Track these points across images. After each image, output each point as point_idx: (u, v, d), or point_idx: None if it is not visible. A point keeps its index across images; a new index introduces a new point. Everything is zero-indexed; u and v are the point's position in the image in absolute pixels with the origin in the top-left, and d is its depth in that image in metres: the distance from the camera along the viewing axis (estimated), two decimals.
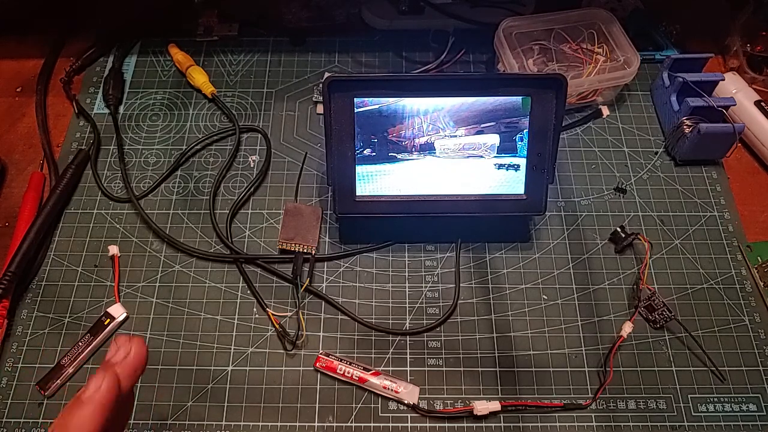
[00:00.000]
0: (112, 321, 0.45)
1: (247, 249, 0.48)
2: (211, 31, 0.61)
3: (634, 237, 0.47)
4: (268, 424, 0.42)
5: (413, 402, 0.42)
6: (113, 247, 0.48)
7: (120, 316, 0.45)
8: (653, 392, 0.43)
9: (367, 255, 0.48)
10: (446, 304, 0.46)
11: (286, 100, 0.56)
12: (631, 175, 0.52)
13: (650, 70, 0.58)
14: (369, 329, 0.45)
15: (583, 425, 0.42)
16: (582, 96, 0.54)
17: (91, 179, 0.52)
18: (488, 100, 0.43)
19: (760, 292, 0.46)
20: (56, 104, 0.57)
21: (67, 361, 0.43)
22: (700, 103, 0.49)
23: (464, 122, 0.43)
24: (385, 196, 0.45)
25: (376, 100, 0.43)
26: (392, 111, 0.43)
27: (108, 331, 0.44)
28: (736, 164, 0.53)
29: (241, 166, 0.53)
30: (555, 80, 0.41)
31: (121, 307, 0.45)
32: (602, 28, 0.54)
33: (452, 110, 0.43)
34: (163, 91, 0.57)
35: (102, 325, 0.45)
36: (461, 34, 0.58)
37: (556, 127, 0.43)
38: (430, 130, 0.44)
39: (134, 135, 0.54)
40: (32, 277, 0.47)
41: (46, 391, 0.42)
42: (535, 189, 0.45)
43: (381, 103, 0.43)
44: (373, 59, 0.60)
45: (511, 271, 0.48)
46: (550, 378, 0.43)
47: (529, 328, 0.45)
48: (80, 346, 0.44)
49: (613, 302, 0.46)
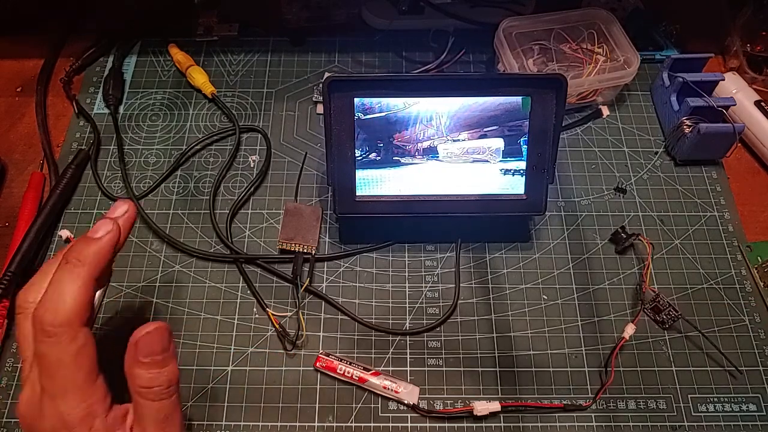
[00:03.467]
0: None
1: (247, 249, 0.48)
2: (211, 31, 0.61)
3: (635, 238, 0.47)
4: (268, 424, 0.42)
5: (413, 402, 0.42)
6: (64, 231, 0.48)
7: None
8: (653, 392, 0.43)
9: (367, 255, 0.48)
10: (446, 304, 0.46)
11: (286, 100, 0.56)
12: (631, 175, 0.52)
13: (650, 70, 0.58)
14: (369, 329, 0.45)
15: (583, 425, 0.42)
16: (582, 96, 0.54)
17: (91, 179, 0.52)
18: (489, 103, 0.43)
19: (760, 292, 0.46)
20: (56, 104, 0.57)
21: None
22: (700, 103, 0.49)
23: (467, 126, 0.43)
24: (385, 196, 0.45)
25: (383, 107, 0.43)
26: (399, 117, 0.43)
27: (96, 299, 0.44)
28: (736, 164, 0.53)
29: (241, 166, 0.53)
30: (555, 80, 0.41)
31: None
32: (602, 28, 0.54)
33: (454, 114, 0.43)
34: (163, 91, 0.57)
35: None
36: (461, 34, 0.58)
37: (556, 127, 0.43)
38: (432, 134, 0.44)
39: (134, 135, 0.54)
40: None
41: None
42: (535, 189, 0.45)
43: (389, 111, 0.43)
44: (373, 59, 0.60)
45: (511, 271, 0.48)
46: (550, 378, 0.43)
47: (529, 328, 0.45)
48: None
49: (613, 302, 0.46)
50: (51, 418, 0.29)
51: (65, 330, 0.29)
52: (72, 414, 0.29)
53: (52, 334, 0.29)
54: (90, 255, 0.31)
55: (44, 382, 0.29)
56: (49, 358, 0.29)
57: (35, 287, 0.32)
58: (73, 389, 0.29)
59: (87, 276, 0.31)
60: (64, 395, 0.29)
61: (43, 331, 0.29)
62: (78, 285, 0.30)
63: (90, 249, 0.32)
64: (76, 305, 0.30)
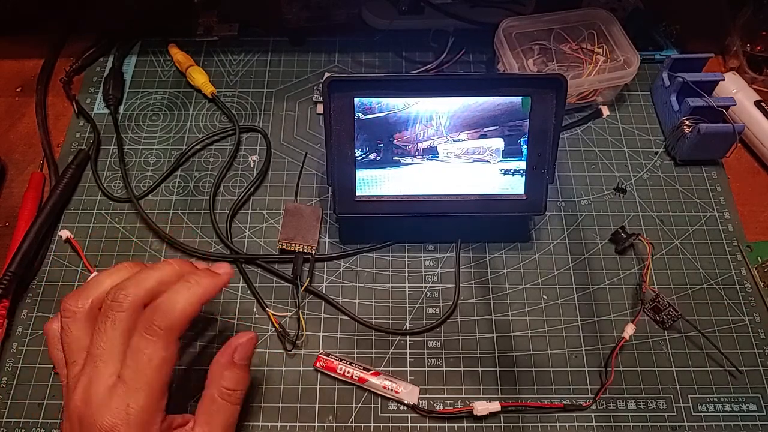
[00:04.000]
0: None
1: (247, 249, 0.48)
2: (211, 31, 0.61)
3: (635, 238, 0.47)
4: (268, 424, 0.42)
5: (413, 402, 0.42)
6: (64, 231, 0.48)
7: None
8: (653, 392, 0.43)
9: (367, 255, 0.48)
10: (446, 304, 0.46)
11: (286, 100, 0.56)
12: (631, 175, 0.52)
13: (650, 70, 0.58)
14: (369, 329, 0.45)
15: (583, 425, 0.42)
16: (582, 96, 0.54)
17: (91, 179, 0.52)
18: (489, 103, 0.43)
19: (760, 292, 0.46)
20: (56, 104, 0.57)
21: None
22: (700, 103, 0.49)
23: (467, 126, 0.43)
24: (385, 196, 0.45)
25: (383, 107, 0.43)
26: (399, 117, 0.43)
27: None
28: (736, 164, 0.53)
29: (241, 166, 0.53)
30: (555, 80, 0.41)
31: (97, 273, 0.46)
32: (602, 28, 0.54)
33: (453, 114, 0.43)
34: (163, 91, 0.57)
35: None
36: (461, 34, 0.58)
37: (556, 127, 0.43)
38: (432, 134, 0.44)
39: (134, 135, 0.54)
40: (32, 277, 0.47)
41: None
42: (535, 189, 0.45)
43: (388, 111, 0.43)
44: (373, 59, 0.60)
45: (511, 271, 0.48)
46: (550, 378, 0.43)
47: (529, 328, 0.45)
48: None
49: (613, 302, 0.46)
50: (116, 410, 0.31)
51: (166, 335, 0.32)
52: (137, 413, 0.31)
53: (155, 333, 0.32)
54: (207, 283, 0.34)
55: (127, 374, 0.31)
56: (143, 354, 0.31)
57: (85, 293, 0.34)
58: (148, 391, 0.31)
59: (198, 297, 0.33)
60: (137, 392, 0.31)
61: (150, 328, 0.32)
62: (190, 302, 0.33)
63: (209, 278, 0.34)
64: (183, 317, 0.32)
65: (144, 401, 0.31)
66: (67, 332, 0.33)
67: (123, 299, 0.32)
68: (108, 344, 0.32)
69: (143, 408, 0.31)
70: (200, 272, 0.35)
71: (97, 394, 0.31)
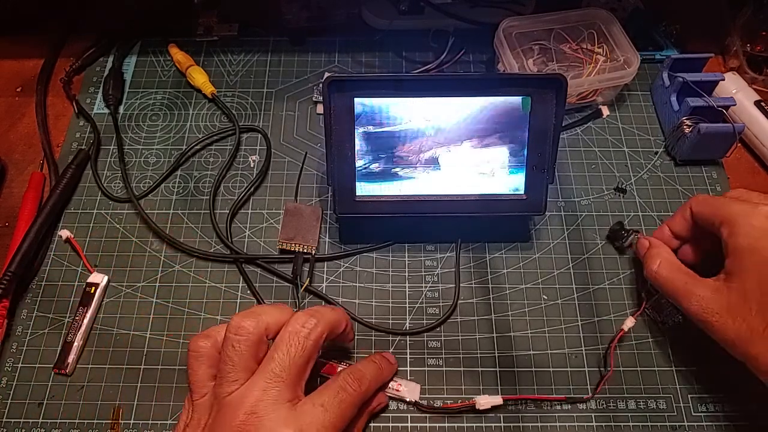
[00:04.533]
0: (98, 287, 0.46)
1: (247, 249, 0.48)
2: (211, 31, 0.61)
3: (633, 234, 0.47)
4: None
5: (414, 399, 0.42)
6: (64, 231, 0.48)
7: (102, 280, 0.46)
8: (653, 392, 0.43)
9: (367, 255, 0.48)
10: (446, 304, 0.46)
11: (286, 100, 0.56)
12: (631, 175, 0.52)
13: (650, 70, 0.58)
14: (369, 329, 0.45)
15: (583, 425, 0.42)
16: (582, 96, 0.54)
17: (91, 179, 0.52)
18: (490, 108, 0.43)
19: None
20: (56, 104, 0.57)
21: (72, 337, 0.44)
22: (700, 103, 0.49)
23: (468, 135, 0.43)
24: (385, 196, 0.45)
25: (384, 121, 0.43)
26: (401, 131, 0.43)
27: (98, 297, 0.45)
28: (736, 164, 0.53)
29: (241, 166, 0.53)
30: (555, 80, 0.41)
31: (98, 274, 0.46)
32: (602, 28, 0.54)
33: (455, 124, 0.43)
34: (163, 91, 0.57)
35: (89, 294, 0.45)
36: (461, 34, 0.58)
37: (556, 127, 0.43)
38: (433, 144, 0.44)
39: (134, 135, 0.54)
40: (32, 277, 0.47)
41: (67, 369, 0.43)
42: (535, 189, 0.45)
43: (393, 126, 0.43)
44: (373, 59, 0.60)
45: (511, 271, 0.48)
46: (550, 377, 0.43)
47: (529, 328, 0.45)
48: (78, 320, 0.44)
49: (613, 302, 0.46)
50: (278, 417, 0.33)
51: (358, 398, 0.36)
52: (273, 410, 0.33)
53: (352, 395, 0.36)
54: (388, 371, 0.41)
55: (328, 419, 0.34)
56: (345, 404, 0.35)
57: (211, 338, 0.36)
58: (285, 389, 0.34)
59: (380, 382, 0.40)
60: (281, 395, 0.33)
61: (349, 388, 0.36)
62: (377, 381, 0.40)
63: (391, 368, 0.42)
64: (369, 391, 0.38)
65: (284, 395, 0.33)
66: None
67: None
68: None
69: (278, 404, 0.33)
70: (390, 364, 0.41)
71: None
